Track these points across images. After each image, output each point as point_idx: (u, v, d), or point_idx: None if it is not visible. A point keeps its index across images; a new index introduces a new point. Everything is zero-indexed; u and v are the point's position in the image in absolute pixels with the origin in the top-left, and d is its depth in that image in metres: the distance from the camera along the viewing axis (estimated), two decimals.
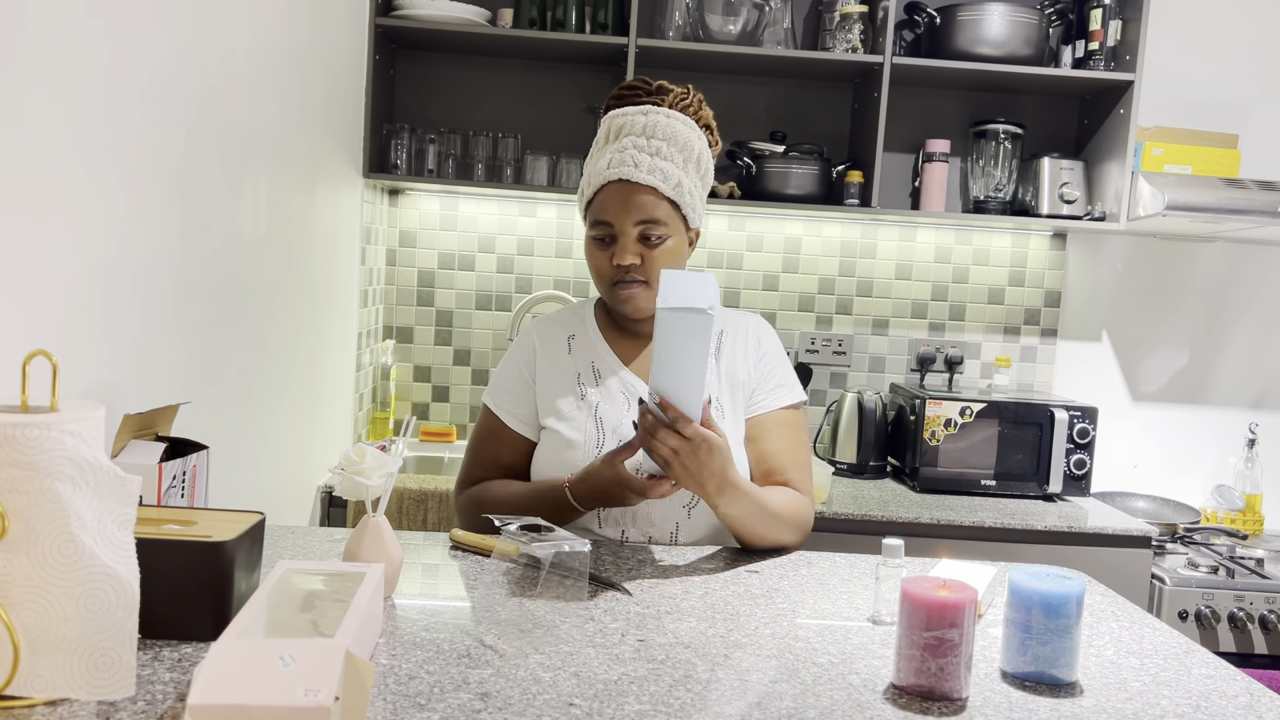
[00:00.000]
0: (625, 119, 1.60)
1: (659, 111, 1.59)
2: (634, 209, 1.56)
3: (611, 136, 1.61)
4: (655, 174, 1.56)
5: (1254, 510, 3.03)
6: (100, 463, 0.93)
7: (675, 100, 1.63)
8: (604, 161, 1.58)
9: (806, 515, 1.62)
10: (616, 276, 1.59)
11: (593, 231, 1.61)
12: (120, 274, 1.38)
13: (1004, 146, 2.90)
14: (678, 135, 1.59)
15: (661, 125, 1.58)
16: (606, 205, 1.58)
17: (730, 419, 1.65)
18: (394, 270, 3.04)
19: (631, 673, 1.08)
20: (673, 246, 1.59)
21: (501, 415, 1.69)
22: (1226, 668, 1.20)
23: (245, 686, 0.84)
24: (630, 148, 1.57)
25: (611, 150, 1.59)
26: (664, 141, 1.58)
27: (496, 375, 1.74)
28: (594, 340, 1.69)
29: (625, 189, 1.56)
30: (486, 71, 2.99)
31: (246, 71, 1.78)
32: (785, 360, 1.72)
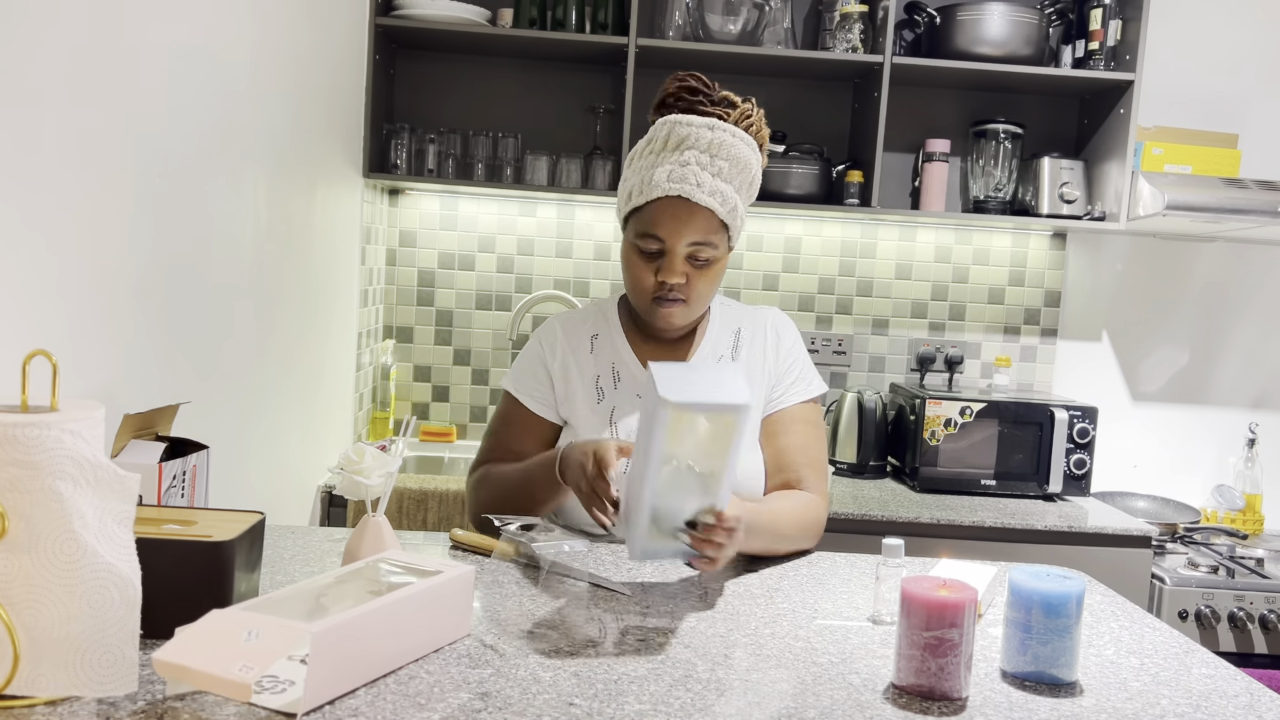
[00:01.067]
0: (690, 130, 1.52)
1: (725, 129, 1.53)
2: (689, 229, 1.52)
3: (672, 145, 1.53)
4: (715, 196, 1.51)
5: (1254, 510, 3.03)
6: (100, 462, 0.93)
7: (741, 117, 1.57)
8: (662, 172, 1.52)
9: (818, 518, 1.60)
10: (658, 293, 1.56)
11: (638, 241, 1.56)
12: (120, 274, 1.38)
13: (1004, 146, 2.90)
14: (740, 157, 1.54)
15: (727, 145, 1.52)
16: (660, 219, 1.53)
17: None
18: (394, 270, 3.04)
19: (631, 673, 1.08)
20: (718, 266, 1.57)
21: (524, 399, 1.66)
22: (1226, 667, 1.20)
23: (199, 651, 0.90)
24: (694, 164, 1.51)
25: (672, 162, 1.52)
26: (727, 162, 1.53)
27: (519, 363, 1.71)
28: (617, 342, 1.67)
29: (683, 206, 1.51)
30: (486, 71, 2.99)
31: (247, 71, 1.78)
32: (804, 353, 1.71)
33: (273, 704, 0.92)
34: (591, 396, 1.64)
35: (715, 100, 1.57)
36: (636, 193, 1.55)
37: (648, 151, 1.56)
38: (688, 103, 1.56)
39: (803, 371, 1.68)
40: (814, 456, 1.65)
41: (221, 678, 0.87)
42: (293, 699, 0.93)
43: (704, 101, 1.56)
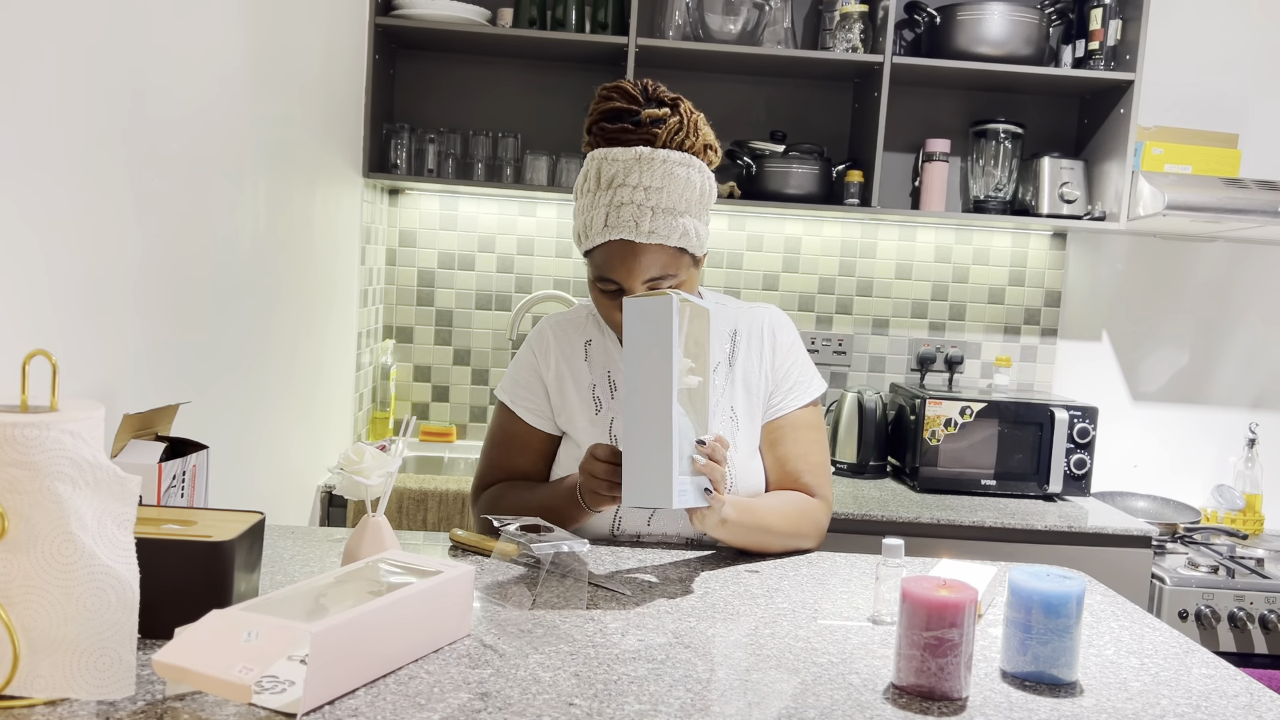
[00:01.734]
0: (617, 168, 1.46)
1: (653, 156, 1.45)
2: (640, 269, 1.47)
3: (604, 184, 1.47)
4: (657, 231, 1.45)
5: (1254, 510, 3.03)
6: (100, 462, 0.93)
7: (669, 135, 1.47)
8: (599, 216, 1.46)
9: (815, 519, 1.59)
10: None
11: (599, 283, 1.52)
12: (120, 274, 1.38)
13: (1004, 146, 2.90)
14: (676, 180, 1.45)
15: (658, 173, 1.45)
16: (610, 264, 1.48)
17: (745, 427, 1.61)
18: (394, 270, 3.04)
19: (631, 673, 1.08)
20: (682, 289, 1.52)
21: (519, 411, 1.64)
22: (1226, 667, 1.20)
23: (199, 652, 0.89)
24: (628, 202, 1.44)
25: (606, 204, 1.46)
26: (662, 190, 1.45)
27: (512, 370, 1.67)
28: (612, 351, 1.64)
29: (628, 248, 1.46)
30: (486, 71, 2.99)
31: (246, 71, 1.78)
32: (802, 352, 1.67)
33: (273, 704, 0.92)
34: (589, 407, 1.61)
35: (640, 122, 1.47)
36: (583, 236, 1.50)
37: (586, 190, 1.50)
38: (610, 132, 1.48)
39: (801, 374, 1.66)
40: (816, 461, 1.63)
41: (221, 679, 0.87)
42: (293, 699, 0.93)
43: (628, 128, 1.47)
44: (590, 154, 1.51)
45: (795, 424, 1.63)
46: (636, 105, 1.48)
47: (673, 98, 1.51)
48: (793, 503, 1.58)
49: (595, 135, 1.51)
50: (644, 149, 1.46)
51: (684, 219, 1.47)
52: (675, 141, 1.47)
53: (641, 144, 1.47)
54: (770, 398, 1.64)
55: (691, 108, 1.52)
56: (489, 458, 1.67)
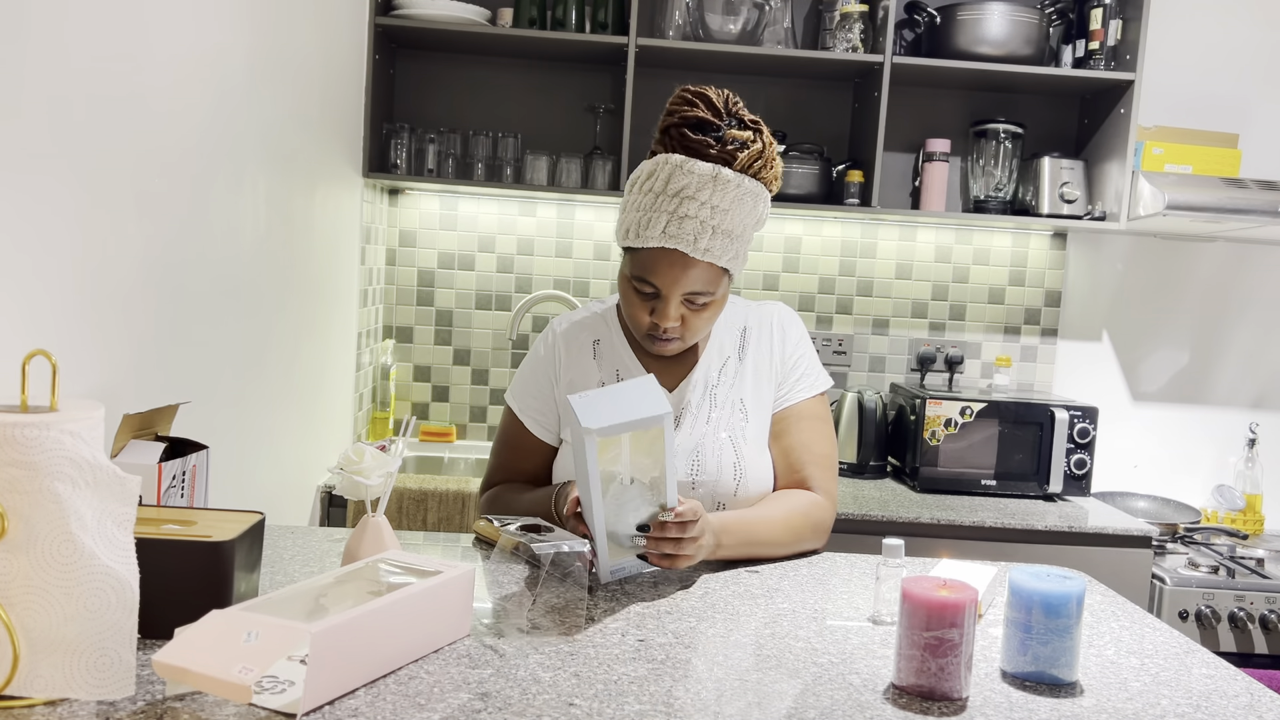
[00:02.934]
0: (690, 180, 1.44)
1: (730, 179, 1.44)
2: (685, 282, 1.48)
3: (671, 191, 1.45)
4: (712, 251, 1.46)
5: (1254, 510, 3.03)
6: (100, 463, 0.93)
7: (749, 161, 1.45)
8: (659, 221, 1.45)
9: (819, 520, 1.58)
10: (652, 331, 1.54)
11: (634, 281, 1.52)
12: (120, 274, 1.38)
13: (1004, 146, 2.90)
14: (744, 207, 1.46)
15: (731, 195, 1.44)
16: (655, 268, 1.48)
17: (754, 419, 1.62)
18: (394, 270, 3.04)
19: (631, 673, 1.08)
20: (715, 304, 1.54)
21: (525, 421, 1.66)
22: (1227, 668, 1.20)
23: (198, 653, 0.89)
24: (693, 217, 1.44)
25: (669, 212, 1.45)
26: (728, 213, 1.45)
27: (521, 374, 1.69)
28: (619, 348, 1.65)
29: (679, 259, 1.46)
30: (486, 71, 2.99)
31: (246, 71, 1.78)
32: (809, 347, 1.68)
33: (273, 704, 0.92)
34: None
35: (724, 140, 1.45)
36: (633, 233, 1.49)
37: (648, 188, 1.48)
38: (691, 143, 1.45)
39: (809, 367, 1.66)
40: (821, 454, 1.63)
41: (221, 679, 0.87)
42: (292, 699, 0.93)
43: (710, 143, 1.45)
44: (663, 156, 1.47)
45: (801, 414, 1.63)
46: (719, 120, 1.48)
47: (754, 120, 1.50)
48: (793, 507, 1.57)
49: (673, 139, 1.48)
50: (723, 169, 1.44)
51: (739, 243, 1.50)
52: (753, 169, 1.47)
53: (720, 162, 1.45)
54: (778, 389, 1.65)
55: (771, 137, 1.51)
56: (497, 459, 1.70)
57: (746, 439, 1.60)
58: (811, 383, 1.66)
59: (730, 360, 1.65)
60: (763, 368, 1.65)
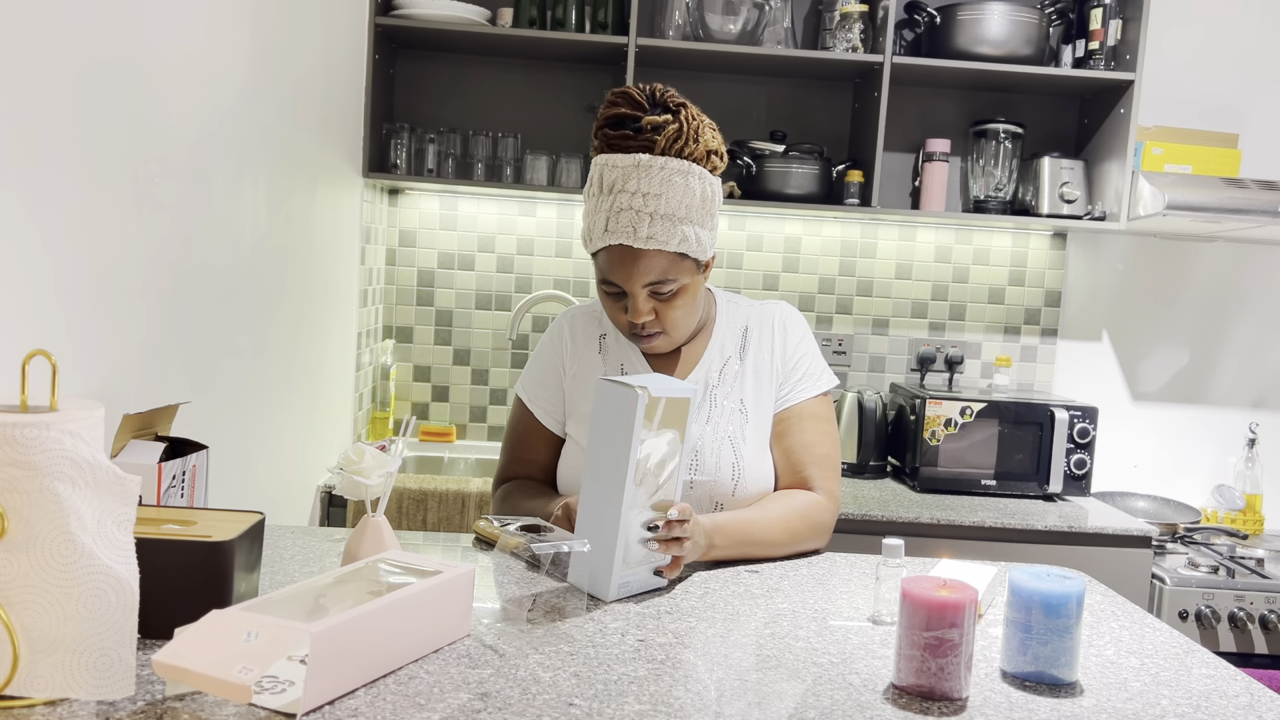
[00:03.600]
0: (617, 174, 1.49)
1: (652, 164, 1.47)
2: (639, 273, 1.50)
3: (605, 189, 1.50)
4: (655, 237, 1.48)
5: (1254, 510, 3.03)
6: (100, 462, 0.93)
7: (669, 142, 1.48)
8: (600, 221, 1.50)
9: (820, 520, 1.58)
10: (633, 329, 1.57)
11: (603, 285, 1.56)
12: (120, 274, 1.38)
13: (1004, 146, 2.90)
14: (674, 187, 1.48)
15: (656, 180, 1.47)
16: (610, 267, 1.52)
17: (754, 420, 1.62)
18: (394, 270, 3.04)
19: (631, 673, 1.08)
20: (686, 292, 1.55)
21: (535, 411, 1.68)
22: (1227, 668, 1.20)
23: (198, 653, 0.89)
24: (626, 208, 1.47)
25: (607, 209, 1.49)
26: (660, 196, 1.47)
27: (530, 366, 1.71)
28: (625, 345, 1.66)
29: (627, 253, 1.49)
30: (486, 71, 2.99)
31: (246, 71, 1.78)
32: (813, 346, 1.68)
33: (272, 704, 0.92)
34: None
35: (640, 129, 1.48)
36: (587, 239, 1.55)
37: (590, 194, 1.53)
38: (613, 139, 1.50)
39: (811, 366, 1.66)
40: (823, 454, 1.62)
41: (221, 679, 0.87)
42: (292, 699, 0.93)
43: (628, 134, 1.49)
44: (596, 158, 1.53)
45: (803, 414, 1.63)
46: (641, 111, 1.50)
47: (678, 103, 1.52)
48: (790, 507, 1.56)
49: (600, 140, 1.53)
50: (643, 156, 1.48)
51: (684, 225, 1.49)
52: (674, 149, 1.49)
53: (641, 150, 1.49)
54: (780, 389, 1.64)
55: (696, 114, 1.52)
56: (509, 451, 1.71)
57: (746, 439, 1.60)
58: (814, 382, 1.65)
59: (731, 360, 1.64)
60: (764, 368, 1.64)
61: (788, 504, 1.57)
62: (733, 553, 1.49)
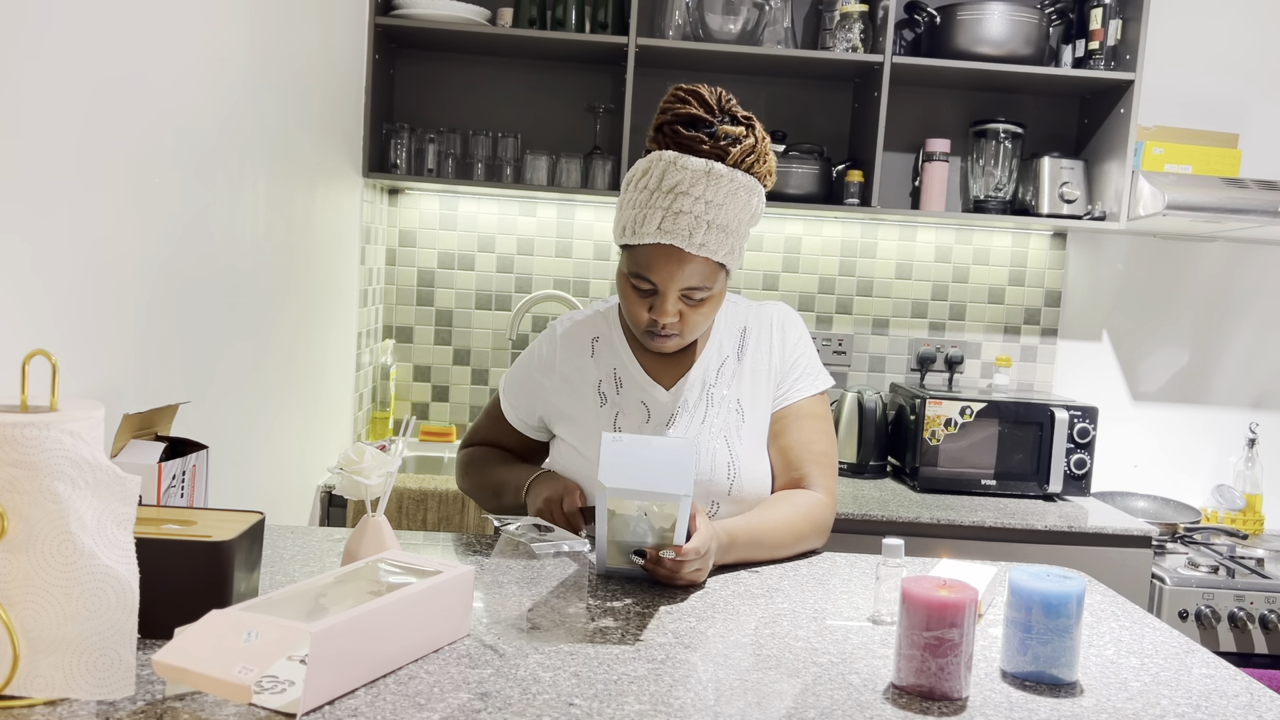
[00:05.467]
0: (684, 175, 1.45)
1: (723, 175, 1.45)
2: (681, 277, 1.49)
3: (666, 188, 1.46)
4: (708, 245, 1.47)
5: (1254, 510, 3.03)
6: (100, 462, 0.93)
7: (742, 155, 1.47)
8: (655, 217, 1.46)
9: (821, 519, 1.58)
10: (651, 327, 1.55)
11: (632, 278, 1.53)
12: (120, 274, 1.38)
13: (1004, 146, 2.90)
14: (737, 201, 1.47)
15: (724, 190, 1.46)
16: (652, 264, 1.49)
17: (750, 419, 1.62)
18: (394, 270, 3.04)
19: (631, 673, 1.08)
20: (713, 300, 1.55)
21: (508, 414, 1.74)
22: (1227, 667, 1.20)
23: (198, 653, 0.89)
24: (688, 212, 1.45)
25: (664, 208, 1.46)
26: (722, 208, 1.46)
27: (516, 368, 1.74)
28: (618, 346, 1.66)
29: (674, 254, 1.47)
30: (486, 71, 2.99)
31: (246, 71, 1.78)
32: (810, 347, 1.69)
33: (272, 704, 0.92)
34: (594, 401, 1.63)
35: (716, 136, 1.47)
36: (629, 230, 1.50)
37: (642, 185, 1.49)
38: (685, 139, 1.47)
39: (808, 366, 1.67)
40: (820, 452, 1.63)
41: (221, 679, 0.87)
42: (292, 699, 0.93)
43: (703, 139, 1.46)
44: (657, 153, 1.48)
45: (801, 413, 1.64)
46: (712, 116, 1.49)
47: (746, 116, 1.51)
48: (795, 508, 1.57)
49: (666, 136, 1.49)
50: (716, 164, 1.46)
51: (734, 238, 1.51)
52: (746, 164, 1.48)
53: (714, 158, 1.46)
54: (778, 389, 1.65)
55: (764, 132, 1.52)
56: (480, 427, 1.82)
57: (742, 439, 1.60)
58: (811, 382, 1.66)
59: (729, 360, 1.65)
60: (761, 368, 1.65)
61: (793, 506, 1.57)
62: (745, 556, 1.50)
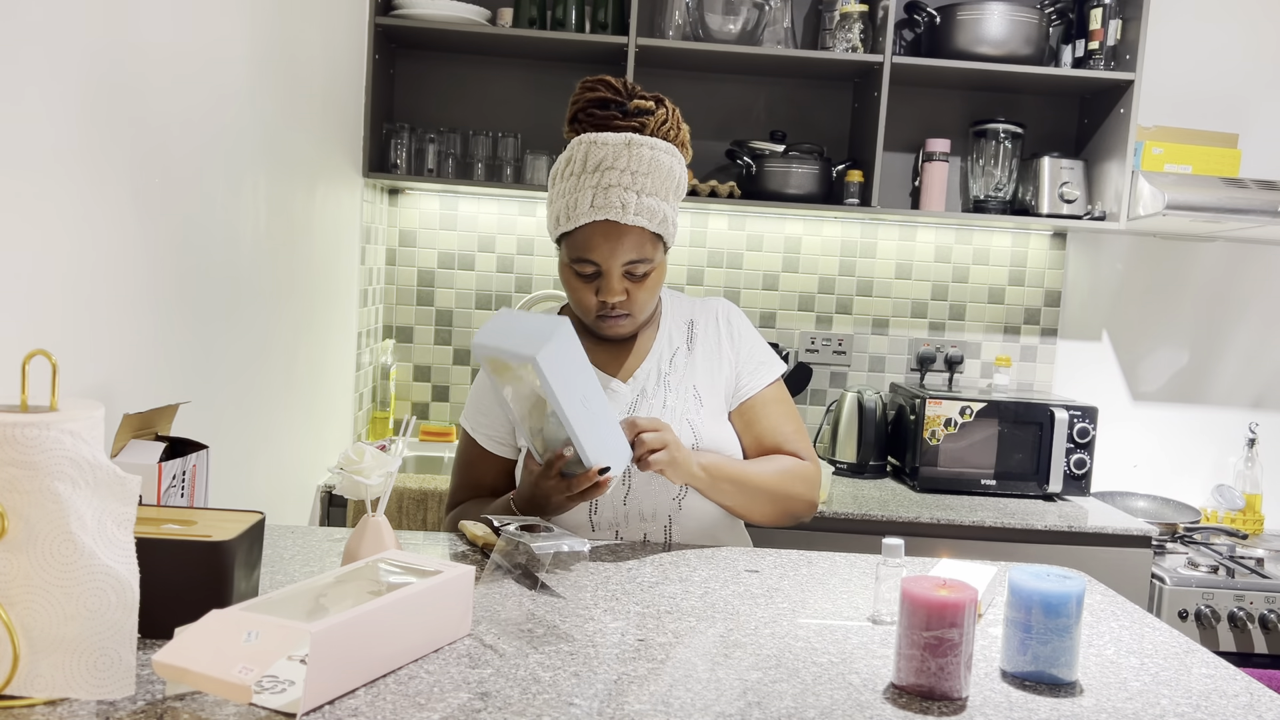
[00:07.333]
0: (606, 150, 1.51)
1: (643, 143, 1.51)
2: (621, 250, 1.53)
3: (590, 167, 1.52)
4: (643, 214, 1.51)
5: (1254, 510, 3.03)
6: (100, 462, 0.93)
7: (657, 125, 1.55)
8: (585, 198, 1.51)
9: (811, 473, 1.65)
10: (601, 310, 1.58)
11: (574, 264, 1.57)
12: (120, 274, 1.38)
13: (1004, 146, 2.90)
14: (661, 167, 1.53)
15: (646, 159, 1.51)
16: (591, 244, 1.53)
17: (709, 404, 1.66)
18: (394, 270, 3.04)
19: (631, 673, 1.08)
20: (656, 273, 1.59)
21: (479, 439, 1.69)
22: (1226, 667, 1.20)
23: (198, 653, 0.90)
24: (616, 185, 1.50)
25: (593, 187, 1.51)
26: (649, 176, 1.52)
27: (471, 395, 1.72)
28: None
29: (612, 229, 1.52)
30: (486, 71, 2.99)
31: (246, 71, 1.78)
32: (758, 336, 1.75)
33: (273, 704, 0.92)
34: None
35: (629, 111, 1.54)
36: (564, 218, 1.54)
37: (568, 173, 1.54)
38: (599, 118, 1.54)
39: (763, 355, 1.73)
40: (792, 429, 1.70)
41: (221, 679, 0.87)
42: (292, 699, 0.93)
43: (616, 115, 1.53)
44: (576, 139, 1.56)
45: (765, 400, 1.70)
46: (621, 97, 1.57)
47: (654, 95, 1.60)
48: (780, 462, 1.65)
49: (582, 122, 1.57)
50: (634, 135, 1.53)
51: (665, 206, 1.56)
52: (661, 132, 1.56)
53: (630, 130, 1.54)
54: (738, 379, 1.70)
55: (673, 105, 1.60)
56: (459, 478, 1.72)
57: (703, 420, 1.65)
58: (769, 369, 1.72)
59: (680, 350, 1.70)
60: (712, 356, 1.70)
61: (778, 459, 1.65)
62: (725, 479, 1.57)
